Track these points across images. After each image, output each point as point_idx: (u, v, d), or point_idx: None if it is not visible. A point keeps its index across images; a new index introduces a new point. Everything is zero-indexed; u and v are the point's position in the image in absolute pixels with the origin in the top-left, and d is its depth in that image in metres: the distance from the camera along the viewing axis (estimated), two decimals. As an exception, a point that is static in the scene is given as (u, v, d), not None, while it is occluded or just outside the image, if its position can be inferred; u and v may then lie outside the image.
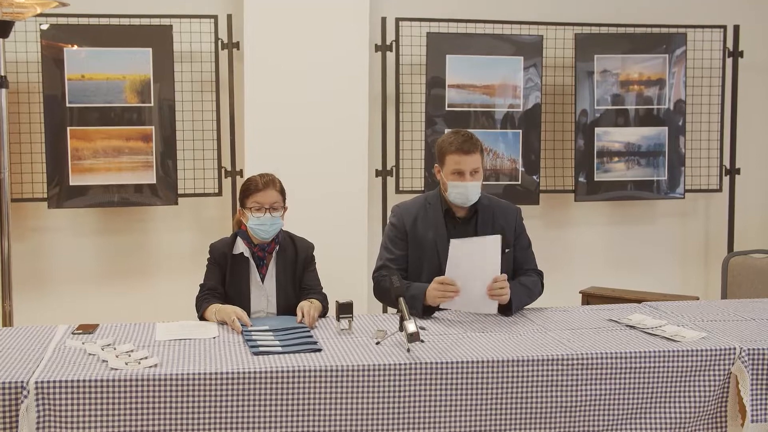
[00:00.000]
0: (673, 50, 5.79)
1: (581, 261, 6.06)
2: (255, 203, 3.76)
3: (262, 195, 3.77)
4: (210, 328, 3.50)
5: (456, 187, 3.81)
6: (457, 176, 3.80)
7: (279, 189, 3.83)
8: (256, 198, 3.77)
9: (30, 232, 5.44)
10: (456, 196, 3.85)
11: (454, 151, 3.79)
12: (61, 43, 5.13)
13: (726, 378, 3.27)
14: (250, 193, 3.79)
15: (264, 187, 3.79)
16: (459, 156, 3.78)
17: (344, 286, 4.15)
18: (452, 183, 3.81)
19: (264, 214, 3.75)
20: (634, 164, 5.80)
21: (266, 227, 3.76)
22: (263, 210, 3.75)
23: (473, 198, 3.86)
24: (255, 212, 3.75)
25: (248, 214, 3.77)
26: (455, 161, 3.78)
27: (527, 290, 3.85)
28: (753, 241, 5.95)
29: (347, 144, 5.43)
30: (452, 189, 3.83)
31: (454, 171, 3.79)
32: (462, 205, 3.88)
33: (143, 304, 5.49)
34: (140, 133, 5.25)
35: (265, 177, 3.84)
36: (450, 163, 3.81)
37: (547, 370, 3.14)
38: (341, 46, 5.40)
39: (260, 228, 3.76)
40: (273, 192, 3.80)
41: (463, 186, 3.80)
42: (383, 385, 3.02)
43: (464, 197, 3.84)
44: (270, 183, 3.81)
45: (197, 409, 2.92)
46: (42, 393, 2.82)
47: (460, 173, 3.79)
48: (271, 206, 3.76)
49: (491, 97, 5.59)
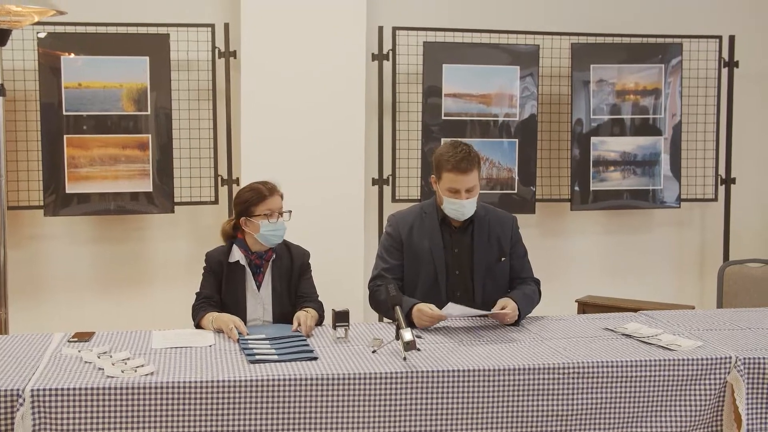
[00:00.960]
0: (668, 60, 5.81)
1: (577, 270, 6.06)
2: (267, 210, 3.78)
3: (272, 201, 3.81)
4: (206, 337, 3.50)
5: (451, 203, 3.81)
6: (452, 194, 3.79)
7: (281, 194, 3.89)
8: (267, 205, 3.80)
9: (26, 240, 5.44)
10: (451, 212, 3.85)
11: (450, 169, 3.76)
12: (58, 52, 5.13)
13: (722, 387, 3.28)
14: (260, 201, 3.81)
15: (271, 194, 3.83)
16: (455, 175, 3.75)
17: (340, 294, 4.15)
18: (447, 199, 3.81)
19: (278, 220, 3.77)
20: (630, 173, 5.81)
21: (280, 233, 3.81)
22: (275, 215, 3.77)
23: (468, 214, 3.86)
24: (270, 219, 3.76)
25: (258, 222, 3.78)
26: (451, 179, 3.77)
27: (529, 299, 3.86)
28: (748, 250, 5.95)
29: (344, 153, 5.44)
30: (447, 205, 3.83)
31: (450, 188, 3.79)
32: (459, 218, 3.89)
33: (139, 312, 5.48)
34: (137, 141, 5.25)
35: (268, 184, 3.88)
36: (446, 181, 3.79)
37: (543, 379, 3.14)
38: (338, 55, 5.41)
39: (274, 234, 3.79)
40: (279, 197, 3.85)
41: (459, 204, 3.80)
42: (379, 393, 3.02)
43: (459, 214, 3.85)
44: (275, 189, 3.87)
45: (194, 417, 2.91)
46: (38, 401, 2.82)
47: (456, 191, 3.78)
48: (280, 211, 3.81)
49: (488, 107, 5.60)
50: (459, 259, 3.91)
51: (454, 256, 3.91)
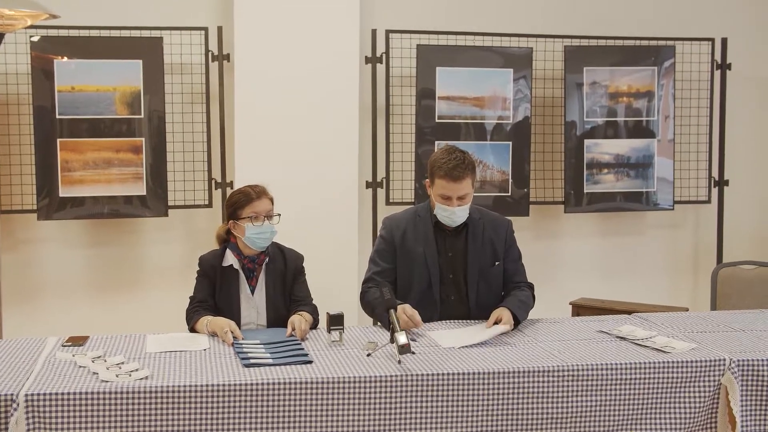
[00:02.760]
0: (661, 62, 5.82)
1: (571, 272, 6.07)
2: (252, 213, 3.77)
3: (258, 204, 3.79)
4: (201, 340, 3.50)
5: (443, 210, 3.82)
6: (444, 200, 3.80)
7: (271, 198, 3.87)
8: (253, 208, 3.78)
9: (19, 244, 5.43)
10: (442, 218, 3.86)
11: (443, 176, 3.75)
12: (51, 55, 5.13)
13: (716, 389, 3.28)
14: (246, 203, 3.80)
15: (258, 197, 3.81)
16: (446, 182, 3.75)
17: (334, 297, 4.14)
18: (439, 205, 3.82)
19: (263, 223, 3.76)
20: (624, 176, 5.82)
21: (266, 236, 3.78)
22: (261, 219, 3.76)
23: (459, 221, 3.86)
24: (254, 222, 3.76)
25: (244, 225, 3.77)
26: (443, 186, 3.77)
27: (524, 305, 3.85)
28: (742, 252, 5.96)
29: (337, 156, 5.44)
30: (439, 211, 3.84)
31: (442, 195, 3.79)
32: (450, 225, 3.89)
33: (134, 315, 5.47)
34: (130, 144, 5.25)
35: (257, 187, 3.87)
36: (438, 187, 3.79)
37: (538, 382, 3.14)
38: (331, 58, 5.41)
39: (259, 237, 3.77)
40: (267, 200, 3.83)
41: (450, 211, 3.80)
42: (374, 396, 3.02)
43: (450, 221, 3.85)
44: (263, 192, 3.85)
45: (188, 421, 2.91)
46: (32, 406, 2.81)
47: (447, 198, 3.78)
48: (267, 214, 3.78)
49: (481, 109, 5.61)
50: (453, 262, 3.91)
51: (448, 260, 3.91)
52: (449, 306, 3.89)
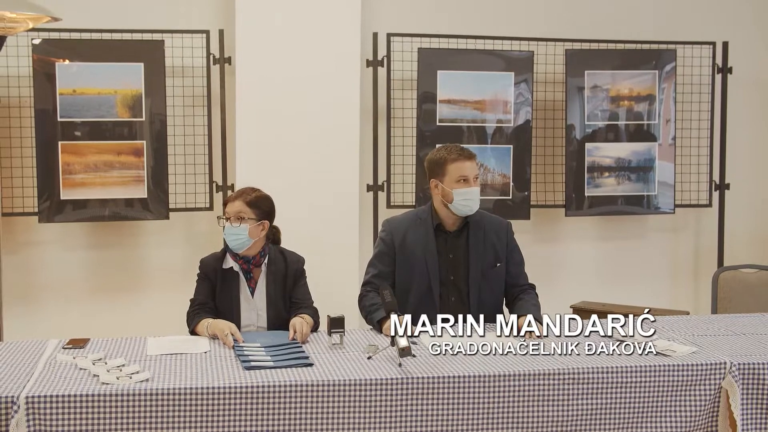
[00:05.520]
0: (662, 66, 5.82)
1: (572, 275, 6.06)
2: (225, 214, 3.79)
3: (230, 205, 3.80)
4: (201, 343, 3.50)
5: (464, 193, 3.83)
6: (462, 183, 3.83)
7: (249, 201, 3.79)
8: (226, 208, 3.81)
9: (21, 247, 5.43)
10: (464, 203, 3.85)
11: (456, 158, 3.84)
12: (53, 58, 5.13)
13: (717, 392, 3.28)
14: (225, 204, 3.85)
15: (232, 198, 3.83)
16: (462, 162, 3.84)
17: (335, 300, 4.13)
18: (458, 191, 3.83)
19: (230, 225, 3.75)
20: (625, 179, 5.82)
21: (230, 238, 3.76)
22: (230, 221, 3.76)
23: (476, 207, 3.89)
24: (227, 222, 3.77)
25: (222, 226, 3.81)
26: (459, 168, 3.83)
27: (539, 309, 3.85)
28: (743, 255, 5.96)
29: (338, 158, 5.44)
30: (459, 197, 3.83)
31: (460, 178, 3.83)
32: (468, 213, 3.89)
33: (134, 318, 5.47)
34: (131, 147, 5.25)
35: (242, 189, 3.88)
36: (454, 172, 3.83)
37: (538, 385, 3.14)
38: (333, 61, 5.41)
39: (228, 238, 3.77)
40: (238, 202, 3.78)
41: (471, 191, 3.83)
42: (375, 399, 3.02)
43: (472, 203, 3.86)
44: (240, 194, 3.83)
45: (189, 423, 2.91)
46: (33, 408, 2.81)
47: (466, 179, 3.83)
48: (234, 216, 3.75)
49: (482, 113, 5.61)
50: (454, 264, 3.92)
51: (448, 262, 3.91)
52: (449, 307, 3.88)
